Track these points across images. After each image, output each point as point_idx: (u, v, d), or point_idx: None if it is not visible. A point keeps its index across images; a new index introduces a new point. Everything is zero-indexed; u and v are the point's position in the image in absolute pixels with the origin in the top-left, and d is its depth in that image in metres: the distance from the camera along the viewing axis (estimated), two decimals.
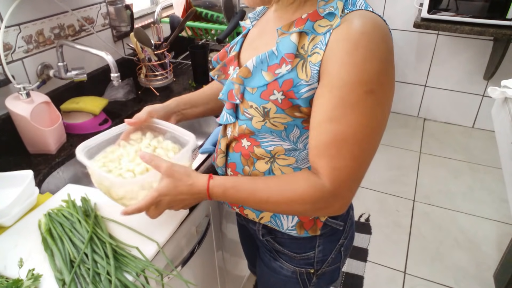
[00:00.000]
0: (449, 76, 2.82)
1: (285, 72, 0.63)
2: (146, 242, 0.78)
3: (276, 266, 0.88)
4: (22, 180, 0.87)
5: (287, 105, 0.64)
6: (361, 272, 1.82)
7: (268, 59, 0.65)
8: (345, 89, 0.57)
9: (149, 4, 1.76)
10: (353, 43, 0.56)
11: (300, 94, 0.62)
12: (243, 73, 0.68)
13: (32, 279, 0.69)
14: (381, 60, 0.57)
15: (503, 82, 1.41)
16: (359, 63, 0.56)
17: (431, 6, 2.25)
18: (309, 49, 0.61)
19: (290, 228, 0.80)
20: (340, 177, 0.60)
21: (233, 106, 0.74)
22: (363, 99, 0.57)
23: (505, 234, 1.99)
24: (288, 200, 0.64)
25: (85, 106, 1.21)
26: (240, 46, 0.77)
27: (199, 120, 1.41)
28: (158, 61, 1.43)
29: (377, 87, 0.57)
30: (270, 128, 0.68)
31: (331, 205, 0.63)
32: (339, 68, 0.57)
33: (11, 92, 1.10)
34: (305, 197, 0.63)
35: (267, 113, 0.66)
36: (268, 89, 0.65)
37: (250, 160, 0.76)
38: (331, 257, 0.85)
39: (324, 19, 0.61)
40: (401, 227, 2.06)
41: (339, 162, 0.60)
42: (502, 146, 1.37)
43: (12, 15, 1.05)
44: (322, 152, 0.61)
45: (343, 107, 0.58)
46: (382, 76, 0.58)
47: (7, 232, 0.82)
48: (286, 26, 0.64)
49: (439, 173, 2.46)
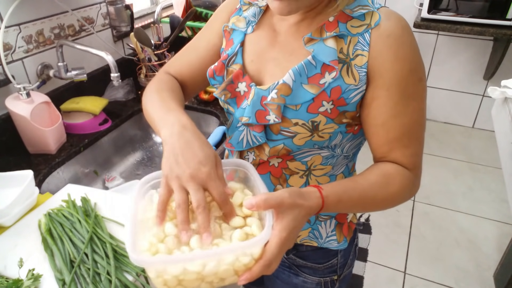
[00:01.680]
0: (449, 76, 2.82)
1: (330, 80, 0.60)
2: None
3: (298, 282, 0.83)
4: (22, 180, 0.87)
5: (335, 113, 0.62)
6: (361, 272, 1.82)
7: (307, 70, 0.61)
8: (402, 83, 0.60)
9: (149, 4, 1.76)
10: (399, 39, 0.58)
11: (350, 99, 0.61)
12: (284, 91, 0.61)
13: (32, 279, 0.69)
14: (418, 50, 0.61)
15: (503, 82, 1.41)
16: (408, 56, 0.59)
17: (431, 6, 2.25)
18: (350, 52, 0.60)
19: (330, 234, 0.76)
20: (418, 161, 0.65)
21: (263, 128, 0.65)
22: (417, 87, 0.61)
23: (505, 234, 1.99)
24: (392, 195, 0.64)
25: (85, 106, 1.21)
26: (241, 55, 0.68)
27: (199, 120, 1.41)
28: (158, 61, 1.43)
29: (423, 74, 0.62)
30: (315, 141, 0.64)
31: (417, 188, 0.67)
32: (391, 65, 0.59)
33: (11, 92, 1.10)
34: (405, 188, 0.64)
35: (317, 126, 0.62)
36: (315, 102, 0.61)
37: (282, 177, 0.71)
38: (350, 259, 0.83)
39: (355, 20, 0.60)
40: (401, 227, 2.06)
41: (413, 149, 0.64)
42: (502, 146, 1.37)
43: (12, 15, 1.05)
44: (396, 145, 0.63)
45: (405, 99, 0.61)
46: (422, 64, 0.62)
47: (7, 232, 0.82)
48: (317, 32, 0.61)
49: (439, 173, 2.46)
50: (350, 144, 0.69)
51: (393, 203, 0.66)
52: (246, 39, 0.69)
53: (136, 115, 1.37)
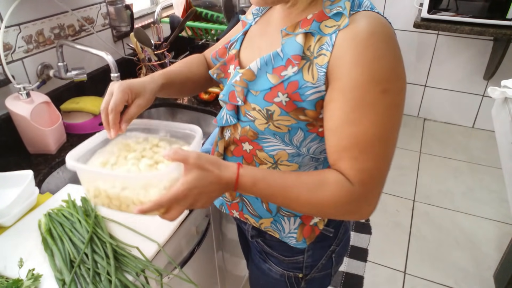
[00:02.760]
0: (449, 76, 2.82)
1: (291, 74, 0.61)
2: (146, 242, 0.78)
3: (265, 268, 0.87)
4: (22, 180, 0.87)
5: (291, 107, 0.63)
6: (361, 272, 1.82)
7: (273, 61, 0.64)
8: (360, 90, 0.57)
9: (149, 4, 1.76)
10: (363, 43, 0.56)
11: (306, 96, 0.61)
12: (247, 76, 0.66)
13: (32, 279, 0.69)
14: (391, 58, 0.57)
15: (503, 82, 1.41)
16: (370, 63, 0.56)
17: (431, 6, 2.25)
18: (315, 51, 0.60)
19: (292, 231, 0.78)
20: (368, 178, 0.60)
21: (234, 108, 0.72)
22: (380, 99, 0.57)
23: (505, 234, 1.99)
24: (318, 201, 0.61)
25: (85, 106, 1.21)
26: (240, 43, 0.75)
27: (199, 119, 1.41)
28: (158, 61, 1.43)
29: (391, 86, 0.57)
30: (274, 130, 0.67)
31: (360, 208, 0.62)
32: (350, 69, 0.56)
33: (11, 92, 1.10)
34: (337, 200, 0.60)
35: (271, 115, 0.65)
36: (272, 91, 0.63)
37: (252, 164, 0.74)
38: (321, 263, 0.83)
39: (331, 20, 0.60)
40: (401, 227, 2.06)
41: (364, 164, 0.59)
42: (502, 146, 1.37)
43: (12, 15, 1.05)
44: (345, 155, 0.60)
45: (361, 108, 0.57)
46: (394, 74, 0.57)
47: (7, 232, 0.82)
48: (291, 27, 0.63)
49: (439, 173, 2.46)
50: (317, 146, 0.69)
51: (322, 211, 0.63)
52: (249, 30, 0.76)
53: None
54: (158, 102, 1.41)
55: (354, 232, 2.04)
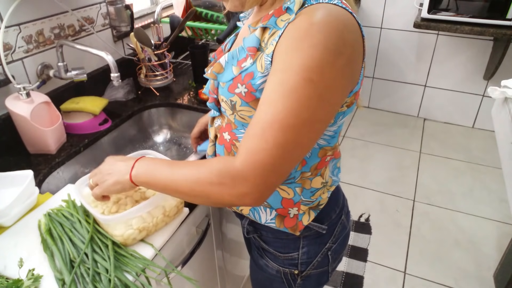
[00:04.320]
0: (449, 76, 2.82)
1: (248, 65, 0.64)
2: (146, 242, 0.78)
3: (262, 264, 0.88)
4: (22, 180, 0.87)
5: (250, 98, 0.65)
6: (361, 272, 1.82)
7: (238, 54, 0.67)
8: (285, 73, 0.56)
9: (149, 4, 1.76)
10: (302, 32, 0.56)
11: (257, 85, 0.63)
12: (217, 68, 0.70)
13: (32, 279, 0.69)
14: (329, 51, 0.55)
15: (503, 82, 1.41)
16: (303, 50, 0.55)
17: (431, 6, 2.25)
18: (268, 43, 0.62)
19: (269, 221, 0.79)
20: (253, 159, 0.57)
21: (214, 100, 0.77)
22: (301, 87, 0.55)
23: (505, 234, 1.99)
24: (197, 172, 0.62)
25: (85, 106, 1.21)
26: (231, 44, 0.80)
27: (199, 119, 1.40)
28: (158, 61, 1.43)
29: (318, 78, 0.55)
30: (240, 121, 0.70)
31: (237, 185, 0.58)
32: (284, 54, 0.57)
33: (11, 92, 1.10)
34: (212, 168, 0.60)
35: (234, 106, 0.68)
36: (233, 82, 0.66)
37: (231, 153, 0.76)
38: (317, 260, 0.83)
39: (286, 14, 0.62)
40: (401, 227, 2.06)
41: (258, 144, 0.56)
42: (502, 146, 1.37)
43: (12, 15, 1.05)
44: (248, 130, 0.59)
45: (279, 91, 0.56)
46: (327, 68, 0.55)
47: (7, 232, 0.82)
48: (255, 23, 0.67)
49: (439, 173, 2.46)
50: None
51: (197, 183, 0.62)
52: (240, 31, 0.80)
53: (136, 115, 1.37)
54: (158, 102, 1.41)
55: (354, 232, 2.04)
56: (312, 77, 0.55)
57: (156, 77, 1.46)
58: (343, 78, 0.58)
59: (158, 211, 0.79)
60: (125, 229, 0.75)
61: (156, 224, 0.80)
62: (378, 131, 2.89)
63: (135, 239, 0.78)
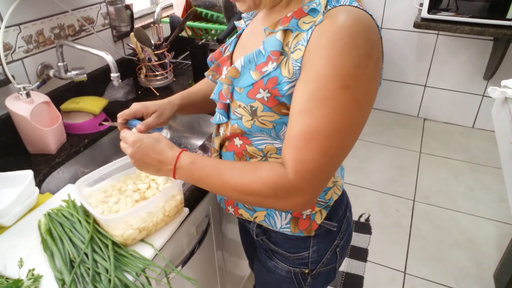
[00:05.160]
0: (449, 76, 2.82)
1: (271, 69, 0.63)
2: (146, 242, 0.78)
3: (271, 266, 0.88)
4: (22, 180, 0.87)
5: (273, 103, 0.64)
6: (361, 272, 1.82)
7: (256, 59, 0.66)
8: (319, 82, 0.57)
9: (149, 4, 1.76)
10: (331, 37, 0.56)
11: (284, 91, 0.62)
12: (232, 73, 0.69)
13: (32, 279, 0.69)
14: (360, 55, 0.56)
15: (503, 82, 1.41)
16: (335, 57, 0.55)
17: (431, 6, 2.25)
18: (292, 46, 0.61)
19: (284, 226, 0.79)
20: (304, 169, 0.59)
21: (224, 106, 0.75)
22: (338, 94, 0.56)
23: (505, 234, 1.99)
24: (250, 183, 0.62)
25: (85, 106, 1.21)
26: (234, 46, 0.78)
27: (199, 119, 1.41)
28: (158, 61, 1.43)
29: (354, 83, 0.56)
30: (259, 126, 0.68)
31: (291, 197, 0.61)
32: (316, 61, 0.57)
33: (11, 92, 1.10)
34: (266, 181, 0.61)
35: (255, 111, 0.66)
36: (254, 88, 0.65)
37: (243, 158, 0.76)
38: (326, 258, 0.84)
39: (308, 16, 0.61)
40: (401, 227, 2.06)
41: (305, 155, 0.58)
42: (502, 146, 1.37)
43: (12, 15, 1.05)
44: (291, 143, 0.60)
45: (316, 100, 0.57)
46: (360, 72, 0.56)
47: (7, 232, 0.82)
48: (272, 25, 0.65)
49: (439, 173, 2.46)
50: None
51: (252, 194, 0.63)
52: (242, 33, 0.79)
53: None
54: None
55: (354, 232, 2.04)
56: (348, 83, 0.56)
57: (156, 77, 1.46)
58: (374, 80, 0.60)
59: (158, 211, 0.79)
60: (125, 229, 0.75)
61: (156, 224, 0.80)
62: (378, 131, 2.89)
63: (135, 239, 0.78)
